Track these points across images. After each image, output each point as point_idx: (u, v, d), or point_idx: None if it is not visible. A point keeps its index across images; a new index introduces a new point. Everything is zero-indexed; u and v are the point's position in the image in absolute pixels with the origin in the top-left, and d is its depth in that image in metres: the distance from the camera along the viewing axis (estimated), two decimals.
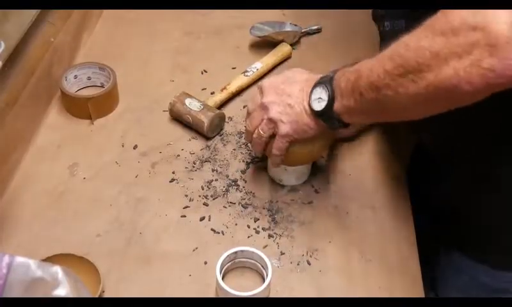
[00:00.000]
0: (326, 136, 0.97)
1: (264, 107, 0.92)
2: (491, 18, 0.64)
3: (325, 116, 0.86)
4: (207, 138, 1.12)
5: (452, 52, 0.66)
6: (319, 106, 0.86)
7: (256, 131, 0.94)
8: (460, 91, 0.67)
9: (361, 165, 1.08)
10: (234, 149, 1.10)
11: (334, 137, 1.02)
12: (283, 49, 1.30)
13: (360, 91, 0.79)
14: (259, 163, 1.07)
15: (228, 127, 1.14)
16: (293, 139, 0.91)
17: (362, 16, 1.46)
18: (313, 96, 0.87)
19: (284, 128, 0.90)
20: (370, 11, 1.09)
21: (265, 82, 0.95)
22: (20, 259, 0.66)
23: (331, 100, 0.84)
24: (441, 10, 0.69)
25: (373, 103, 0.78)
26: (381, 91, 0.76)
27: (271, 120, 0.91)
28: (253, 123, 0.95)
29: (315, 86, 0.87)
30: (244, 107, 1.18)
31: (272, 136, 0.93)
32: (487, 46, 0.64)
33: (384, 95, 0.75)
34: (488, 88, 0.66)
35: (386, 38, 0.91)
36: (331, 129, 0.89)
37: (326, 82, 0.85)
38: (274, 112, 0.90)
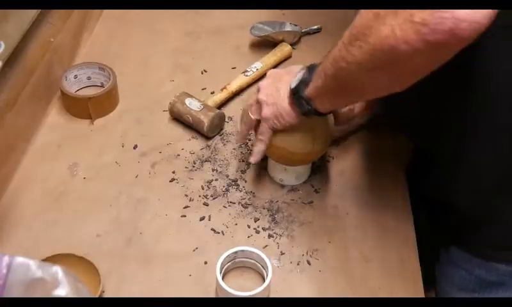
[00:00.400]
0: (325, 136, 0.97)
1: (257, 89, 0.95)
2: None
3: (296, 96, 0.87)
4: (207, 138, 1.12)
5: (391, 12, 0.65)
6: (293, 84, 0.87)
7: (247, 113, 0.97)
8: (399, 51, 0.66)
9: (361, 165, 1.08)
10: (234, 149, 1.10)
11: (333, 137, 1.02)
12: (283, 49, 1.30)
13: (325, 70, 0.80)
14: (259, 163, 1.07)
15: (228, 127, 1.14)
16: (273, 125, 0.92)
17: None
18: (295, 79, 0.88)
19: (266, 111, 0.92)
20: None
21: (273, 70, 0.98)
22: (20, 259, 0.66)
23: (304, 80, 0.85)
24: None
25: (333, 79, 0.79)
26: (338, 64, 0.76)
27: (258, 101, 0.93)
28: (248, 104, 0.97)
29: (301, 69, 0.89)
30: None
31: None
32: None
33: (339, 68, 0.76)
34: (428, 47, 0.64)
35: None
36: (302, 113, 0.89)
37: (311, 67, 0.87)
38: (262, 94, 0.93)
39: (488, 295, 1.02)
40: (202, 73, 1.27)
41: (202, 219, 0.98)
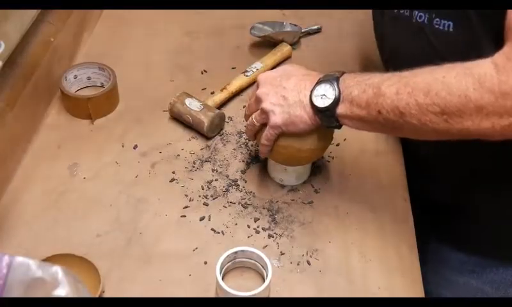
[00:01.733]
0: (325, 136, 0.97)
1: (258, 98, 0.93)
2: None
3: (325, 114, 0.86)
4: (207, 138, 1.12)
5: (496, 111, 0.70)
6: (321, 103, 0.86)
7: (250, 119, 0.96)
8: (490, 138, 0.73)
9: (361, 165, 1.09)
10: (234, 149, 1.10)
11: (332, 137, 1.02)
12: (283, 49, 1.30)
13: (379, 109, 0.79)
14: (259, 163, 1.07)
15: (228, 127, 1.14)
16: (282, 131, 0.92)
17: (362, 16, 1.46)
18: (316, 92, 0.87)
19: (274, 119, 0.91)
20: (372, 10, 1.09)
21: (262, 75, 0.96)
22: (20, 259, 0.66)
23: (336, 101, 0.84)
24: (493, 62, 0.71)
25: (390, 123, 0.79)
26: (405, 118, 0.77)
27: (264, 110, 0.92)
28: (250, 110, 0.97)
29: (319, 82, 0.87)
30: (244, 107, 1.18)
31: (265, 125, 0.94)
32: None
33: (407, 122, 0.77)
34: None
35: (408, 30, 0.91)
36: (325, 127, 0.89)
37: (333, 81, 0.85)
38: (267, 104, 0.91)
39: (488, 275, 1.03)
40: (202, 73, 1.27)
41: (202, 219, 0.98)
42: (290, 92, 0.89)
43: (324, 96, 0.85)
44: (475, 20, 0.79)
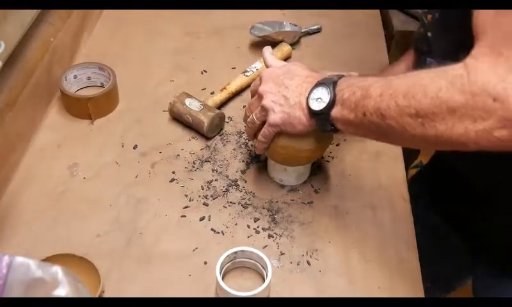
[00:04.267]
0: (325, 137, 0.96)
1: (260, 95, 0.93)
2: None
3: (320, 117, 0.86)
4: (207, 138, 1.12)
5: (469, 114, 0.68)
6: (317, 106, 0.86)
7: (251, 116, 0.96)
8: (466, 147, 0.70)
9: (361, 165, 1.09)
10: (234, 149, 1.10)
11: (332, 137, 1.02)
12: (283, 49, 1.30)
13: (364, 111, 0.79)
14: (259, 163, 1.07)
15: (228, 127, 1.14)
16: (280, 130, 0.92)
17: (362, 16, 1.46)
18: (313, 95, 0.87)
19: (273, 118, 0.91)
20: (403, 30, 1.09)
21: (267, 71, 0.95)
22: (20, 259, 0.66)
23: (330, 104, 0.84)
24: (464, 63, 0.70)
25: (374, 126, 0.79)
26: (386, 120, 0.76)
27: (264, 108, 0.92)
28: (251, 108, 0.96)
29: (317, 85, 0.87)
30: (244, 107, 1.18)
31: (264, 123, 0.94)
32: (502, 118, 0.66)
33: (388, 125, 0.76)
34: (492, 149, 0.69)
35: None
36: (321, 131, 0.89)
37: (329, 84, 0.85)
38: (268, 101, 0.91)
39: None
40: (202, 73, 1.27)
41: (202, 219, 0.98)
42: (291, 92, 0.89)
43: (320, 99, 0.85)
44: None
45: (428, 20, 0.93)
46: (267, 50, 1.03)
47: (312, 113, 0.87)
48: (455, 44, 0.85)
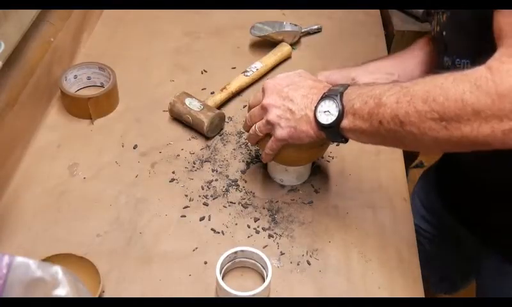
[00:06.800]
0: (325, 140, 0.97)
1: (264, 108, 0.92)
2: None
3: (330, 130, 0.85)
4: (207, 138, 1.12)
5: (495, 115, 0.69)
6: (325, 119, 0.85)
7: (253, 127, 0.95)
8: (491, 146, 0.71)
9: (361, 165, 1.09)
10: (234, 149, 1.10)
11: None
12: (283, 49, 1.30)
13: (380, 119, 0.79)
14: (259, 163, 1.07)
15: (228, 127, 1.14)
16: (288, 143, 0.91)
17: (362, 16, 1.46)
18: (320, 108, 0.86)
19: (280, 133, 0.90)
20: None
21: (270, 82, 0.93)
22: (20, 259, 0.66)
23: (339, 117, 0.83)
24: (486, 66, 0.71)
25: (391, 133, 0.79)
26: (405, 127, 0.76)
27: (269, 122, 0.91)
28: (253, 119, 0.95)
29: (323, 97, 0.86)
30: (244, 106, 1.18)
31: (268, 135, 0.93)
32: None
33: (407, 131, 0.76)
34: None
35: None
36: (332, 141, 0.89)
37: (336, 96, 0.84)
38: (273, 115, 0.90)
39: None
40: (202, 73, 1.27)
41: (202, 219, 0.98)
42: (296, 105, 0.88)
43: (328, 112, 0.85)
44: (490, 55, 0.78)
45: (444, 19, 0.93)
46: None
47: (321, 127, 0.86)
48: (468, 43, 0.86)
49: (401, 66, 1.06)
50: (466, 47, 0.87)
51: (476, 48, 0.82)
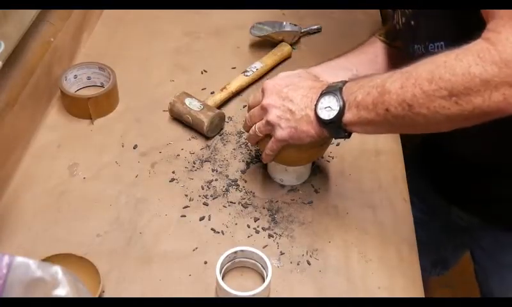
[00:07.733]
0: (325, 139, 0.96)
1: (264, 109, 0.92)
2: None
3: (332, 125, 0.85)
4: (207, 138, 1.12)
5: (504, 81, 0.69)
6: (327, 115, 0.85)
7: (253, 128, 0.95)
8: (505, 113, 0.71)
9: (361, 165, 1.08)
10: (234, 149, 1.10)
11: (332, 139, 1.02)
12: (283, 49, 1.30)
13: (386, 107, 0.79)
14: (259, 163, 1.07)
15: (228, 127, 1.14)
16: (288, 144, 0.91)
17: (362, 16, 1.46)
18: (321, 105, 0.86)
19: (281, 133, 0.90)
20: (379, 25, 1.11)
21: (269, 83, 0.93)
22: (20, 259, 0.66)
23: (341, 111, 0.83)
24: (484, 38, 0.72)
25: (399, 119, 0.79)
26: (414, 110, 0.76)
27: (269, 123, 0.91)
28: (252, 119, 0.95)
29: (322, 94, 0.86)
30: (244, 106, 1.18)
31: (268, 135, 0.93)
32: None
33: (416, 114, 0.77)
34: None
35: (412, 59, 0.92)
36: (334, 138, 0.89)
37: (336, 91, 0.84)
38: (273, 116, 0.90)
39: None
40: (202, 73, 1.27)
41: (202, 218, 0.98)
42: (296, 106, 0.88)
43: (329, 108, 0.84)
44: (466, 32, 0.79)
45: (410, 10, 0.94)
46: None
47: (323, 123, 0.86)
48: (442, 25, 0.87)
49: (356, 61, 1.08)
50: (439, 30, 0.88)
51: (451, 28, 0.83)
